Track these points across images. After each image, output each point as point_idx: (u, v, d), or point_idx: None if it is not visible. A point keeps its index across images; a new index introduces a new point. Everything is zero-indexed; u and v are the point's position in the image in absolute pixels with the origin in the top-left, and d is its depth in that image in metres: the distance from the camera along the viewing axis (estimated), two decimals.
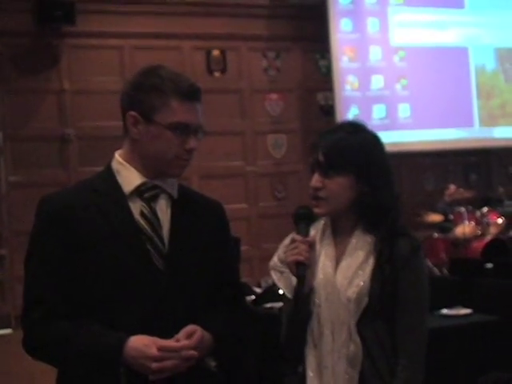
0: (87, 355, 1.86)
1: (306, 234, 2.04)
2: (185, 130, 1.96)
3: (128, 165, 2.00)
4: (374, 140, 2.12)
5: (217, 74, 9.10)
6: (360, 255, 2.05)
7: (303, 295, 2.02)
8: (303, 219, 2.05)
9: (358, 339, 1.99)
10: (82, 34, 8.38)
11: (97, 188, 1.99)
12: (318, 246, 2.10)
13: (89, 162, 7.78)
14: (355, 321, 2.00)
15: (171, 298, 1.94)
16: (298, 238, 2.02)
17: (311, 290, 2.05)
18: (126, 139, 2.02)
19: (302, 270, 1.98)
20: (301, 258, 1.98)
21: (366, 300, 2.00)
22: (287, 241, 2.11)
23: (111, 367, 1.84)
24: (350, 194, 2.06)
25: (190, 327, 1.90)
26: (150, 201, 2.00)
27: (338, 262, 2.07)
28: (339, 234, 2.11)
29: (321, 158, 2.07)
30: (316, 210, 2.09)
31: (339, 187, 2.05)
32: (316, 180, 2.07)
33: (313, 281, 2.05)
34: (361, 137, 2.09)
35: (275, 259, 2.13)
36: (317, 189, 2.07)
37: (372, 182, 2.05)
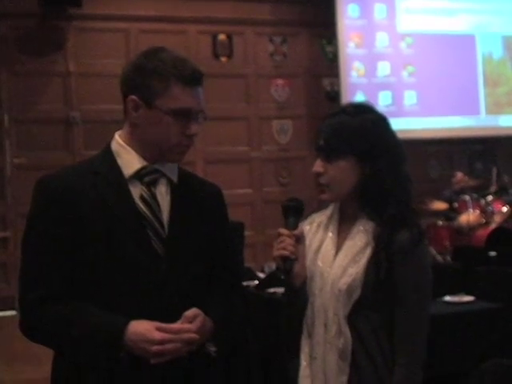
0: (87, 339, 1.84)
1: (294, 227, 1.98)
2: (186, 115, 1.92)
3: (129, 147, 1.98)
4: (379, 121, 2.03)
5: (223, 59, 9.08)
6: (358, 244, 1.98)
7: (294, 288, 1.99)
8: (292, 212, 2.00)
9: (347, 332, 1.93)
10: (88, 16, 8.37)
11: (96, 170, 1.96)
12: (322, 233, 2.06)
13: (93, 146, 7.77)
14: (345, 313, 1.94)
15: (170, 283, 1.92)
16: (284, 231, 1.96)
17: (304, 282, 2.00)
18: (126, 122, 1.99)
19: (289, 264, 1.94)
20: (286, 252, 1.93)
21: (358, 292, 1.92)
22: None
23: (111, 351, 1.82)
24: (352, 178, 1.99)
25: (192, 311, 1.88)
26: (150, 185, 1.97)
27: (338, 250, 2.02)
28: (345, 220, 2.05)
29: (321, 142, 2.02)
30: (321, 197, 2.03)
31: (341, 171, 1.98)
32: (317, 165, 2.02)
33: (304, 273, 2.00)
34: (362, 118, 2.00)
35: None
36: (318, 174, 2.02)
37: (374, 164, 1.97)
